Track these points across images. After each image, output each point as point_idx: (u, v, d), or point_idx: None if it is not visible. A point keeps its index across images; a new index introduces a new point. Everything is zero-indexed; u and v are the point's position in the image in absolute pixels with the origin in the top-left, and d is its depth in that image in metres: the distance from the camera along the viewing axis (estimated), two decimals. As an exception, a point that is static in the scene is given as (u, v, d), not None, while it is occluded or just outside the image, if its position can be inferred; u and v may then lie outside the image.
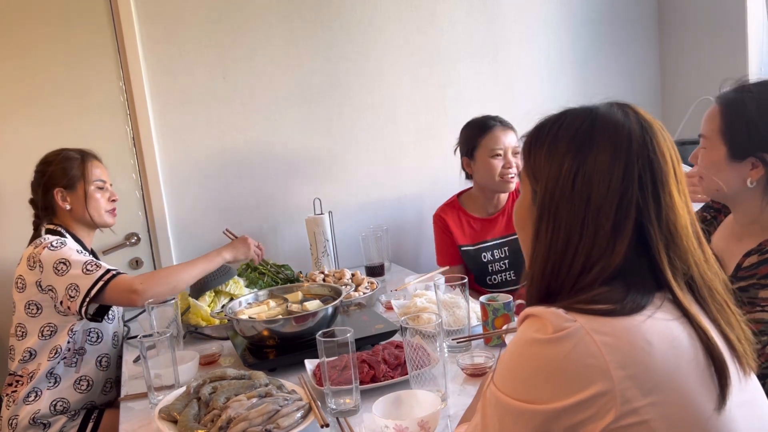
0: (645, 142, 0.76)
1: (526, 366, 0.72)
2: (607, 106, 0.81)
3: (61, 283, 1.59)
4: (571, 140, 0.78)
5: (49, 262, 1.60)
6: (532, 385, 0.70)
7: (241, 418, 1.07)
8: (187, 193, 2.34)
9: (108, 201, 1.81)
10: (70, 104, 2.18)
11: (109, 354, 1.78)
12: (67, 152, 1.78)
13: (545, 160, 0.80)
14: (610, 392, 0.66)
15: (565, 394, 0.68)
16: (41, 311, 1.65)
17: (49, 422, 1.66)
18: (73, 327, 1.67)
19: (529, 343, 0.72)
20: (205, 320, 1.74)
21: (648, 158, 0.75)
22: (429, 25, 2.55)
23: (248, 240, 1.92)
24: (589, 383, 0.67)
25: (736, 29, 2.50)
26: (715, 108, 1.21)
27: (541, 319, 0.71)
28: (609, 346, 0.68)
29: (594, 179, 0.75)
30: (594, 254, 0.75)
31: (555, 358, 0.69)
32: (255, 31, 2.34)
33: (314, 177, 2.48)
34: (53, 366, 1.66)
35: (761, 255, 1.17)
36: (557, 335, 0.69)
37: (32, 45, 2.13)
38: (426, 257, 2.64)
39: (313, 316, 1.45)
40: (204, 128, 2.33)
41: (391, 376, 1.27)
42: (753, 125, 1.14)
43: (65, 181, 1.74)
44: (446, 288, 1.49)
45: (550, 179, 0.79)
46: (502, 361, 0.76)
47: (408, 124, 2.57)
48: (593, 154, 0.76)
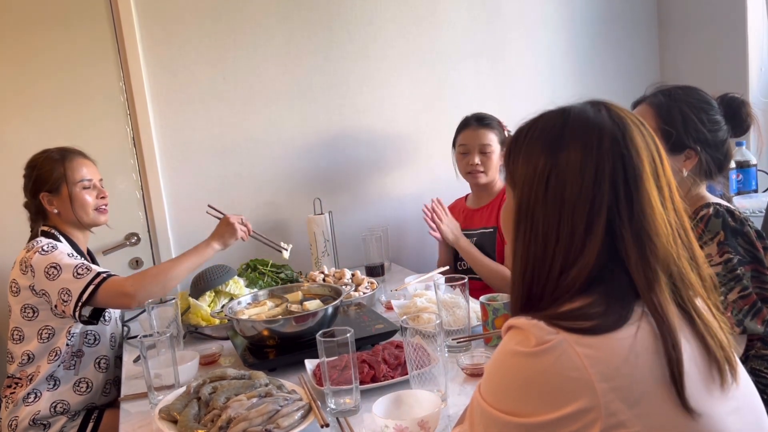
0: (616, 138, 0.74)
1: (508, 378, 0.71)
2: (581, 104, 0.80)
3: (53, 288, 1.57)
4: (544, 142, 0.77)
5: (41, 267, 1.59)
6: (514, 398, 0.69)
7: (241, 418, 1.07)
8: (187, 193, 2.34)
9: (96, 199, 1.76)
10: (70, 104, 2.18)
11: (107, 355, 1.77)
12: (49, 153, 1.73)
13: (522, 164, 0.79)
14: (594, 407, 0.65)
15: (548, 408, 0.67)
16: (38, 314, 1.65)
17: (48, 423, 1.65)
18: (71, 329, 1.67)
19: (511, 355, 0.71)
20: (205, 320, 1.74)
21: (620, 155, 0.73)
22: (429, 25, 2.55)
23: (230, 219, 1.81)
24: (573, 398, 0.66)
25: (737, 29, 2.50)
26: (647, 109, 1.36)
27: (524, 331, 0.70)
28: (592, 358, 0.66)
29: (567, 179, 0.74)
30: (570, 257, 0.73)
31: (537, 372, 0.67)
32: (255, 30, 2.34)
33: (314, 177, 2.48)
34: (53, 369, 1.66)
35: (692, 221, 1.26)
36: (539, 348, 0.68)
37: (32, 45, 2.13)
38: (426, 257, 2.64)
39: (313, 316, 1.45)
40: (204, 128, 2.33)
41: (391, 376, 1.27)
42: (689, 122, 1.33)
43: (49, 186, 1.70)
44: (446, 288, 1.49)
45: (525, 183, 0.77)
46: (486, 371, 0.75)
47: (408, 124, 2.57)
48: (565, 153, 0.75)
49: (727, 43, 2.55)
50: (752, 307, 1.23)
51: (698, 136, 1.33)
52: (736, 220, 1.27)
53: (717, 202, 1.33)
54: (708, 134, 1.33)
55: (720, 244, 1.25)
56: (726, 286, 1.24)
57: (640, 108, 1.39)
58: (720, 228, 1.26)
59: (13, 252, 1.76)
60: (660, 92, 1.38)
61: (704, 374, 0.71)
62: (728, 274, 1.24)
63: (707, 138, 1.33)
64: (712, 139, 1.34)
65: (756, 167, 2.34)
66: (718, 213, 1.28)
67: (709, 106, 1.35)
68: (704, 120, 1.33)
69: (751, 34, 2.47)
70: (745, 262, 1.25)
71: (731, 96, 1.38)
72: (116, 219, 1.87)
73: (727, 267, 1.24)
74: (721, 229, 1.26)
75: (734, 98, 1.38)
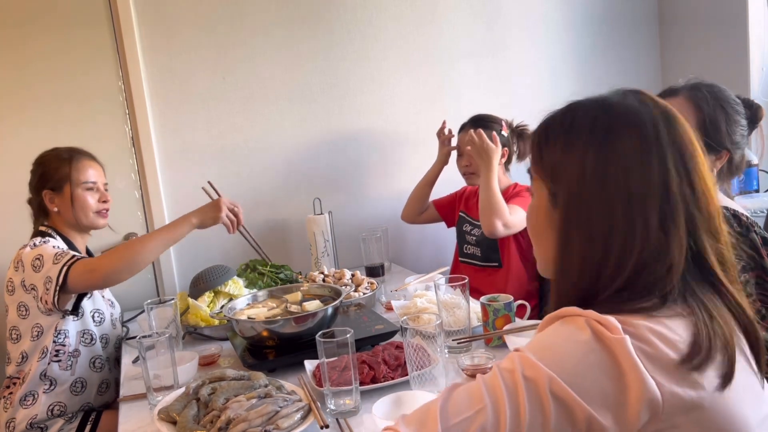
0: (670, 122, 0.72)
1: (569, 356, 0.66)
2: (617, 94, 0.76)
3: (39, 279, 1.57)
4: (589, 133, 0.72)
5: (28, 260, 1.59)
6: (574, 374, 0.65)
7: (241, 419, 1.07)
8: (187, 193, 2.33)
9: (98, 202, 1.75)
10: (69, 104, 2.18)
11: (102, 356, 1.76)
12: (58, 152, 1.74)
13: (562, 158, 0.74)
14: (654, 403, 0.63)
15: (594, 400, 0.64)
16: (29, 312, 1.64)
17: (46, 425, 1.65)
18: (57, 326, 1.65)
19: (577, 342, 0.66)
20: (204, 321, 1.74)
21: (674, 141, 0.71)
22: (429, 25, 2.55)
23: (220, 202, 1.74)
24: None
25: (737, 29, 2.50)
26: (685, 103, 1.33)
27: (596, 322, 0.66)
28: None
29: (629, 171, 0.69)
30: (646, 253, 0.68)
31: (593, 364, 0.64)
32: (255, 31, 2.34)
33: (314, 177, 2.48)
34: (43, 368, 1.65)
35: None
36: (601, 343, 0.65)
37: (31, 45, 2.13)
38: (426, 257, 2.64)
39: (312, 316, 1.44)
40: (204, 128, 2.33)
41: (391, 376, 1.26)
42: (732, 122, 1.31)
43: (52, 183, 1.70)
44: (446, 288, 1.49)
45: (573, 179, 0.72)
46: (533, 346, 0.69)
47: (408, 124, 2.57)
48: (621, 144, 0.70)
49: (728, 42, 2.55)
50: (755, 313, 1.22)
51: (734, 136, 1.32)
52: (742, 226, 1.26)
53: (725, 205, 1.31)
54: (739, 135, 1.33)
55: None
56: None
57: (675, 100, 1.34)
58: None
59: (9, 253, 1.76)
60: (698, 87, 1.35)
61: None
62: None
63: (739, 139, 1.33)
64: (739, 140, 1.34)
65: (757, 167, 2.34)
66: (724, 217, 1.26)
67: (739, 106, 1.35)
68: (738, 121, 1.33)
69: (752, 34, 2.47)
70: (749, 269, 1.23)
71: (747, 98, 1.38)
72: (115, 219, 1.86)
73: None
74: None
75: (751, 101, 1.38)
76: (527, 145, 2.20)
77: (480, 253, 2.19)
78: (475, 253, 2.22)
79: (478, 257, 2.21)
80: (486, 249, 2.16)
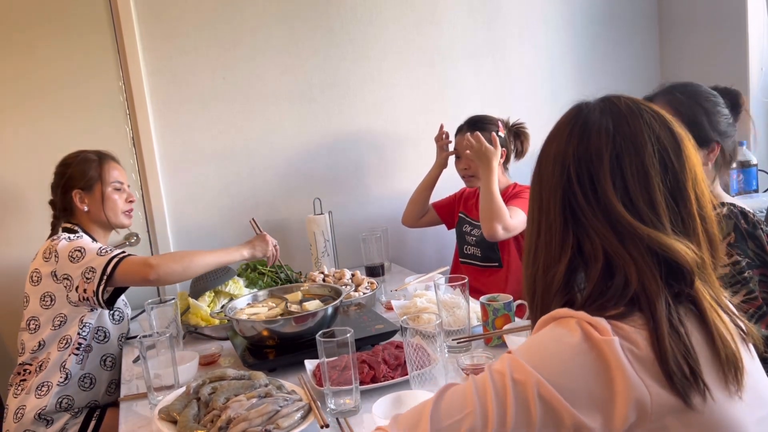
0: (662, 119, 0.79)
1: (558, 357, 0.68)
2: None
3: (77, 270, 1.61)
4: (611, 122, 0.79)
5: (65, 251, 1.63)
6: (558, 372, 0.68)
7: (241, 418, 1.07)
8: (187, 193, 2.33)
9: (125, 202, 1.84)
10: (69, 104, 2.18)
11: (114, 354, 1.78)
12: (86, 154, 1.81)
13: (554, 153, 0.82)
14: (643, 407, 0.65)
15: (582, 404, 0.66)
16: (54, 302, 1.67)
17: (52, 419, 1.66)
18: (83, 318, 1.68)
19: (568, 344, 0.68)
20: (205, 320, 1.74)
21: (667, 131, 0.79)
22: (429, 25, 2.55)
23: (267, 238, 1.91)
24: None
25: (737, 29, 2.50)
26: (663, 107, 1.34)
27: (580, 322, 0.69)
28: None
29: (636, 153, 0.76)
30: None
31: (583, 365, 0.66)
32: (255, 30, 2.34)
33: (314, 177, 2.48)
34: (63, 358, 1.66)
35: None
36: (589, 344, 0.67)
37: (32, 45, 2.13)
38: (426, 257, 2.64)
39: (312, 316, 1.45)
40: (204, 128, 2.33)
41: (391, 376, 1.27)
42: (711, 114, 1.35)
43: (83, 183, 1.77)
44: (446, 288, 1.49)
45: (554, 174, 0.80)
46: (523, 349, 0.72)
47: (408, 124, 2.57)
48: (628, 135, 0.77)
49: (727, 42, 2.55)
50: (757, 310, 1.22)
51: (719, 127, 1.36)
52: (748, 223, 1.27)
53: (731, 202, 1.32)
54: (724, 125, 1.37)
55: (729, 245, 1.24)
56: (732, 288, 1.24)
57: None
58: (731, 229, 1.26)
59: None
60: (671, 90, 1.40)
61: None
62: (735, 276, 1.23)
63: (725, 129, 1.37)
64: (726, 130, 1.37)
65: (756, 167, 2.34)
66: (730, 214, 1.27)
67: (717, 98, 1.38)
68: (720, 112, 1.37)
69: (752, 34, 2.47)
70: (753, 266, 1.24)
71: (725, 87, 1.43)
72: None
73: (734, 269, 1.23)
74: (732, 231, 1.26)
75: (729, 89, 1.43)
76: (525, 144, 2.20)
77: (480, 254, 2.20)
78: (475, 253, 2.22)
79: (478, 258, 2.21)
80: (486, 249, 2.16)
